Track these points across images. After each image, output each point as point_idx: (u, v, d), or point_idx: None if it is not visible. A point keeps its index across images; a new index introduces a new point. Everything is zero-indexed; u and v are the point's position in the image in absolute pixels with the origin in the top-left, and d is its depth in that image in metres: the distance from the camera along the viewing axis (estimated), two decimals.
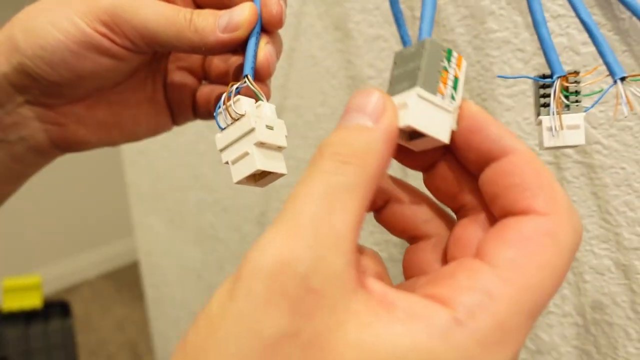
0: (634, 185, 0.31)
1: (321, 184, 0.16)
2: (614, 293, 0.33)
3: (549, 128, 0.25)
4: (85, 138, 0.31)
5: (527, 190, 0.18)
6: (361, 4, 0.41)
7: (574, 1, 0.26)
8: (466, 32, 0.35)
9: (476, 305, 0.16)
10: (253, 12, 0.27)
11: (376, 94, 0.18)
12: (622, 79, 0.24)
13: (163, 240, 0.82)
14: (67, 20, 0.26)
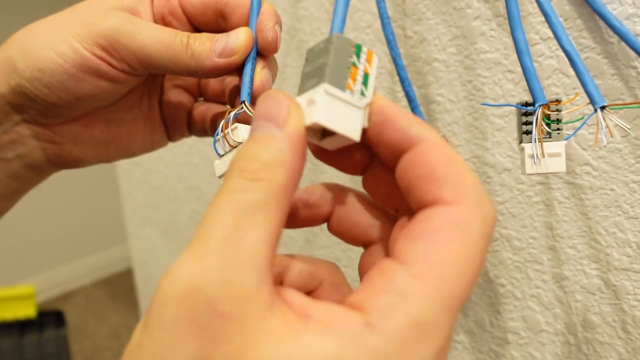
0: (623, 207, 0.31)
1: (229, 204, 0.16)
2: (605, 313, 0.33)
3: (530, 155, 0.25)
4: (81, 155, 0.31)
5: (435, 181, 0.17)
6: (354, 22, 0.41)
7: (557, 30, 0.26)
8: (457, 52, 0.36)
9: (390, 307, 0.15)
10: (249, 37, 0.27)
11: (279, 97, 0.18)
12: (602, 107, 0.24)
13: (157, 251, 0.82)
14: (66, 43, 0.26)
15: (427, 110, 0.38)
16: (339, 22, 0.21)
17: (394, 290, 0.16)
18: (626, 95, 0.29)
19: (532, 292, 0.37)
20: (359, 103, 0.18)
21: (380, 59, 0.40)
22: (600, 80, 0.30)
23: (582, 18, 0.30)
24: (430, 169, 0.17)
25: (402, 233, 0.17)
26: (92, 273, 2.30)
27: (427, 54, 0.37)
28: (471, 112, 0.36)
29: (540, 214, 0.35)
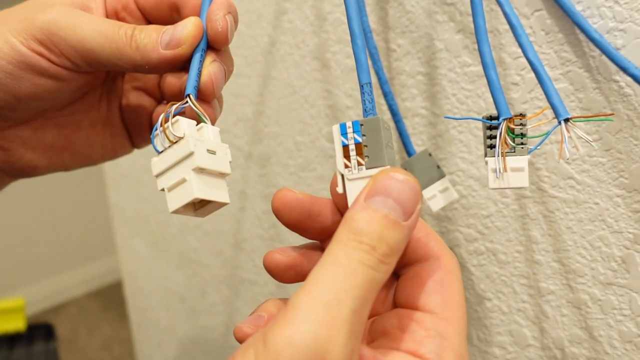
0: (607, 221, 0.31)
1: (361, 278, 0.18)
2: (591, 327, 0.33)
3: (493, 170, 0.25)
4: (33, 163, 0.30)
5: (420, 239, 0.22)
6: (338, 35, 0.41)
7: (522, 41, 0.26)
8: (441, 65, 0.35)
9: (439, 348, 0.20)
10: (197, 27, 0.26)
11: (411, 185, 0.19)
12: (565, 120, 0.24)
13: (147, 264, 0.82)
14: (2, 38, 0.25)
15: (412, 123, 0.38)
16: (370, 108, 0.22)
17: (436, 334, 0.20)
18: (607, 108, 0.29)
19: (519, 306, 0.36)
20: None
21: None
22: (582, 94, 0.30)
23: (564, 32, 0.30)
24: (416, 230, 0.22)
25: (414, 289, 0.21)
26: (84, 284, 2.28)
27: (410, 67, 0.37)
28: (455, 126, 0.36)
29: (526, 228, 0.35)
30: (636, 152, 0.29)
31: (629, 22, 0.27)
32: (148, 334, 0.89)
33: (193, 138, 0.22)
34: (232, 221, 0.60)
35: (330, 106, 0.43)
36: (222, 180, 0.23)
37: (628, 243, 0.30)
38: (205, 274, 0.69)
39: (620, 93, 0.28)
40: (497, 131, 0.25)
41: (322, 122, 0.44)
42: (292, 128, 0.47)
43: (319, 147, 0.45)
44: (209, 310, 0.70)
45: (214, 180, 0.23)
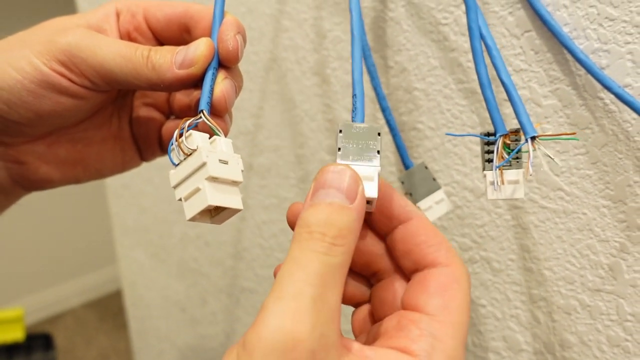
0: (595, 230, 0.32)
1: (316, 265, 0.19)
2: (580, 332, 0.35)
3: (491, 182, 0.26)
4: (47, 176, 0.31)
5: (431, 246, 0.23)
6: (337, 52, 0.43)
7: (496, 62, 0.28)
8: (436, 81, 0.37)
9: (430, 347, 0.20)
10: (209, 47, 0.27)
11: (349, 172, 0.21)
12: (532, 138, 0.25)
13: (147, 273, 0.83)
14: (25, 59, 0.26)
15: (408, 137, 0.40)
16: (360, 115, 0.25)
17: (429, 335, 0.21)
18: (594, 124, 0.31)
19: (512, 312, 0.38)
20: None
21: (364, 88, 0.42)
22: (570, 110, 0.31)
23: (552, 52, 0.31)
24: (427, 238, 0.23)
25: (416, 290, 0.22)
26: (80, 295, 2.28)
27: (407, 83, 0.39)
28: (450, 139, 0.38)
29: (518, 237, 0.36)
30: (621, 165, 0.30)
31: (612, 43, 0.29)
32: (147, 343, 0.89)
33: (205, 149, 0.24)
34: (232, 231, 0.61)
35: (330, 120, 0.45)
36: (235, 188, 0.24)
37: (614, 251, 0.32)
38: (206, 283, 0.70)
39: (605, 109, 0.30)
40: (494, 146, 0.26)
41: (322, 135, 0.46)
42: (293, 141, 0.48)
43: (319, 159, 0.47)
44: (209, 320, 0.71)
45: (228, 188, 0.24)
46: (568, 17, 0.30)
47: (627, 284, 0.32)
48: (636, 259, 0.31)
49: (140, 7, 0.29)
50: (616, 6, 0.29)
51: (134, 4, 0.30)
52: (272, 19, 0.46)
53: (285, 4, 0.45)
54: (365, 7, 0.39)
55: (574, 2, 0.30)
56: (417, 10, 0.37)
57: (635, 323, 0.32)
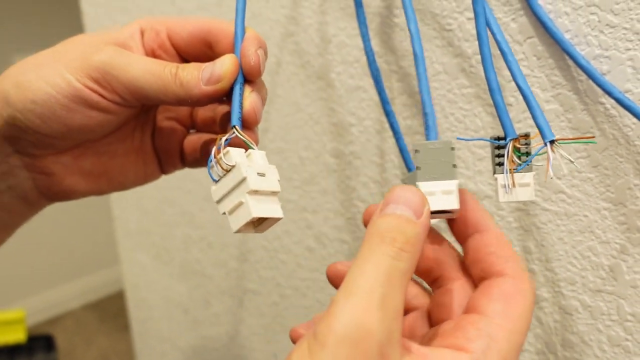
0: (596, 232, 0.33)
1: (386, 266, 0.20)
2: (582, 332, 0.35)
3: (503, 185, 0.27)
4: (72, 187, 0.32)
5: (501, 258, 0.24)
6: (342, 56, 0.43)
7: (512, 67, 0.28)
8: (440, 86, 0.38)
9: (486, 347, 0.21)
10: (234, 63, 0.28)
11: (417, 192, 0.23)
12: (551, 141, 0.26)
13: (149, 275, 0.83)
14: (58, 75, 0.27)
15: (412, 140, 0.40)
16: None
17: (486, 335, 0.21)
18: (595, 128, 0.31)
19: None
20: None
21: (367, 91, 0.42)
22: (571, 115, 0.32)
23: (554, 58, 0.32)
24: (497, 249, 0.24)
25: (480, 295, 0.23)
26: (81, 297, 2.28)
27: (411, 87, 0.39)
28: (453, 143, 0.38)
29: (520, 239, 0.37)
30: (621, 168, 0.31)
31: (613, 49, 0.30)
32: (149, 345, 0.90)
33: (244, 165, 0.25)
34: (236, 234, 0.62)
35: (334, 123, 0.46)
36: (275, 197, 0.26)
37: (615, 253, 0.33)
38: (209, 284, 0.70)
39: (606, 114, 0.31)
40: (504, 150, 0.27)
41: (326, 138, 0.47)
42: (297, 144, 0.49)
43: (323, 162, 0.48)
44: (212, 321, 0.72)
45: (268, 199, 0.25)
46: (569, 24, 0.31)
47: (628, 284, 0.33)
48: (636, 260, 0.32)
49: (164, 25, 0.30)
50: (617, 14, 0.29)
51: (157, 22, 0.30)
52: (277, 24, 0.47)
53: (290, 9, 0.46)
54: (371, 12, 0.40)
55: (575, 9, 0.31)
56: (421, 16, 0.37)
57: (635, 323, 0.33)
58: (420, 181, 0.25)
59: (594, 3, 0.30)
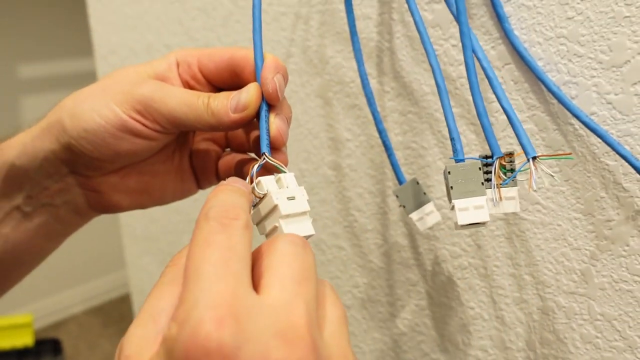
0: (568, 239, 0.36)
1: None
2: (558, 331, 0.39)
3: (490, 199, 0.30)
4: (118, 203, 0.36)
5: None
6: (338, 77, 0.47)
7: (497, 91, 0.32)
8: (428, 105, 0.41)
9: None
10: (257, 92, 0.31)
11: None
12: (533, 157, 0.30)
13: (155, 280, 0.86)
14: (107, 107, 0.31)
15: (404, 154, 0.44)
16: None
17: None
18: (566, 146, 0.35)
19: (497, 313, 0.42)
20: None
21: (362, 110, 0.46)
22: (545, 134, 0.36)
23: (529, 82, 0.36)
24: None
25: None
26: (84, 301, 2.31)
27: (402, 106, 0.43)
28: (441, 157, 0.42)
29: (502, 246, 0.40)
30: (590, 182, 0.35)
31: (580, 76, 0.33)
32: None
33: (275, 193, 0.27)
34: None
35: (332, 138, 0.49)
36: (306, 216, 0.28)
37: (585, 258, 0.36)
38: None
39: (575, 134, 0.34)
40: (492, 167, 0.30)
41: (325, 152, 0.50)
42: (297, 156, 0.53)
43: (322, 174, 0.51)
44: None
45: (299, 219, 0.27)
46: (542, 53, 0.35)
47: (597, 287, 0.36)
48: (604, 265, 0.35)
49: (195, 58, 0.34)
50: (583, 44, 0.33)
51: (189, 55, 0.34)
52: (278, 45, 0.50)
53: (290, 32, 0.49)
54: (364, 37, 0.43)
55: (546, 39, 0.34)
56: (410, 42, 0.41)
57: (604, 322, 0.36)
58: (455, 199, 0.29)
59: (563, 35, 0.33)
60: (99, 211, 0.36)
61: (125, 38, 0.71)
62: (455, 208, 0.29)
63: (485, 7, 0.36)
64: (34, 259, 0.39)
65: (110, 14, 0.72)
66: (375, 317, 0.51)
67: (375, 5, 0.42)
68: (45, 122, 0.33)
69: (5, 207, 0.34)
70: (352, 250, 0.51)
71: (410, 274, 0.47)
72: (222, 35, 0.56)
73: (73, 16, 2.15)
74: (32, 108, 2.12)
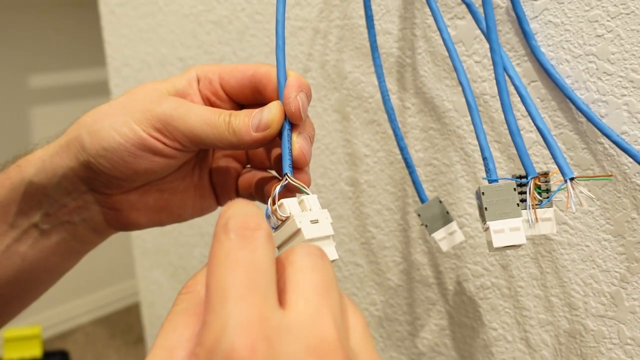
0: (597, 261, 0.36)
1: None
2: (585, 355, 0.38)
3: (526, 220, 0.29)
4: (136, 220, 0.35)
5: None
6: (357, 92, 0.46)
7: (531, 110, 0.31)
8: (450, 122, 0.41)
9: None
10: (280, 110, 0.30)
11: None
12: (571, 179, 0.29)
13: (166, 293, 0.86)
14: (126, 125, 0.30)
15: (424, 171, 0.43)
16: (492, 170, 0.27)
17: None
18: (595, 166, 0.34)
19: (521, 335, 0.41)
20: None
21: (381, 125, 0.45)
22: (573, 153, 0.35)
23: (556, 100, 0.35)
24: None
25: None
26: (91, 312, 2.31)
27: (423, 123, 0.42)
28: (463, 175, 0.41)
29: (526, 266, 0.39)
30: (620, 202, 0.34)
31: (610, 95, 0.33)
32: None
33: (298, 216, 0.26)
34: None
35: (349, 154, 0.48)
36: (329, 240, 0.27)
37: (615, 281, 0.35)
38: None
39: (605, 153, 0.33)
40: (526, 187, 0.29)
41: (342, 167, 0.49)
42: (314, 172, 0.52)
43: (339, 189, 0.50)
44: None
45: (323, 243, 0.26)
46: (570, 71, 0.34)
47: (627, 310, 0.35)
48: (635, 288, 0.34)
49: (216, 74, 0.33)
50: (613, 62, 0.32)
51: (210, 71, 0.33)
52: (295, 59, 0.50)
53: (308, 47, 0.49)
54: (384, 53, 0.43)
55: (575, 57, 0.33)
56: (433, 58, 0.40)
57: (635, 346, 0.35)
58: (490, 220, 0.28)
59: (592, 52, 0.33)
60: (117, 229, 0.36)
61: (138, 51, 0.70)
62: (490, 230, 0.28)
63: (511, 24, 0.35)
64: (50, 277, 0.38)
65: (124, 27, 0.72)
66: (392, 336, 0.50)
67: (396, 21, 0.42)
68: (64, 139, 0.32)
69: (23, 225, 0.34)
70: (369, 268, 0.50)
71: (430, 292, 0.46)
72: (238, 49, 0.56)
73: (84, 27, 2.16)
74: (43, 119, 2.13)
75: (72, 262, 0.37)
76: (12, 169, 0.34)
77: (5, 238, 0.34)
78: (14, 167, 0.33)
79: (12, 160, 0.34)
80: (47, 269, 0.36)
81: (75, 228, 0.34)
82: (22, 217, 0.34)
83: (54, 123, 0.40)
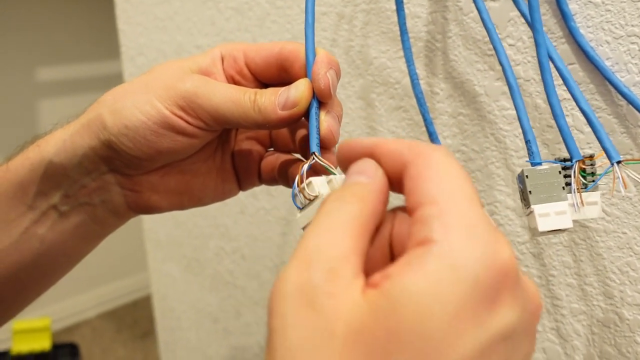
0: (634, 248, 0.35)
1: (325, 220, 0.20)
2: (620, 344, 0.37)
3: (571, 204, 0.29)
4: (157, 203, 0.34)
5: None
6: (383, 78, 0.45)
7: (575, 92, 0.30)
8: (481, 107, 0.40)
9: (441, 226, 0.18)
10: (309, 87, 0.29)
11: (371, 161, 0.22)
12: (617, 162, 0.28)
13: (179, 286, 0.85)
14: (149, 103, 0.30)
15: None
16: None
17: (434, 217, 0.19)
18: (635, 150, 0.33)
19: (552, 325, 0.40)
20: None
21: (408, 112, 0.44)
22: (612, 137, 0.34)
23: (594, 83, 0.34)
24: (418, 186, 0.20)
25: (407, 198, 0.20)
26: (98, 306, 2.31)
27: (452, 108, 0.41)
28: (493, 162, 0.40)
29: (559, 254, 0.38)
30: None
31: None
32: (176, 353, 0.92)
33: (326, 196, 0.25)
34: (271, 246, 0.64)
35: None
36: None
37: None
38: (241, 295, 0.72)
39: None
40: (570, 171, 0.29)
41: None
42: None
43: None
44: (243, 331, 0.74)
45: None
46: (610, 52, 0.33)
47: None
48: None
49: (241, 52, 0.32)
50: None
51: (235, 49, 0.32)
52: (319, 45, 0.49)
53: (332, 32, 0.48)
54: (413, 37, 0.42)
55: (616, 38, 0.33)
56: (464, 42, 0.39)
57: None
58: (535, 204, 0.27)
59: (635, 33, 0.32)
60: (137, 212, 0.35)
61: (153, 39, 0.70)
62: (534, 214, 0.28)
63: (548, 5, 0.35)
64: (69, 261, 0.38)
65: (139, 15, 0.71)
66: None
67: (426, 4, 0.41)
68: (85, 118, 0.31)
69: (42, 206, 0.33)
70: None
71: None
72: (258, 35, 0.55)
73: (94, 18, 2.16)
74: (51, 112, 2.13)
75: (90, 246, 0.36)
76: (31, 149, 0.33)
77: (24, 220, 0.33)
78: (33, 147, 0.33)
79: (31, 140, 0.34)
80: (66, 252, 0.36)
81: (95, 210, 0.33)
82: (41, 198, 0.33)
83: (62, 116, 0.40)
